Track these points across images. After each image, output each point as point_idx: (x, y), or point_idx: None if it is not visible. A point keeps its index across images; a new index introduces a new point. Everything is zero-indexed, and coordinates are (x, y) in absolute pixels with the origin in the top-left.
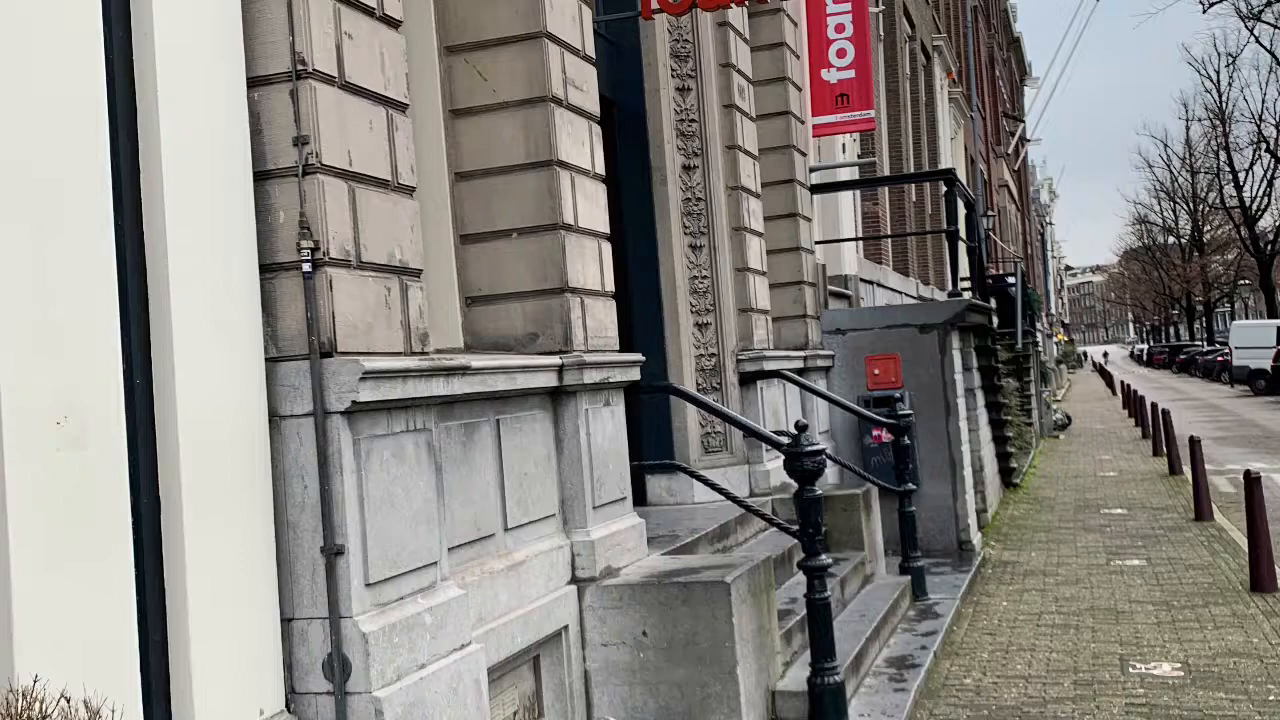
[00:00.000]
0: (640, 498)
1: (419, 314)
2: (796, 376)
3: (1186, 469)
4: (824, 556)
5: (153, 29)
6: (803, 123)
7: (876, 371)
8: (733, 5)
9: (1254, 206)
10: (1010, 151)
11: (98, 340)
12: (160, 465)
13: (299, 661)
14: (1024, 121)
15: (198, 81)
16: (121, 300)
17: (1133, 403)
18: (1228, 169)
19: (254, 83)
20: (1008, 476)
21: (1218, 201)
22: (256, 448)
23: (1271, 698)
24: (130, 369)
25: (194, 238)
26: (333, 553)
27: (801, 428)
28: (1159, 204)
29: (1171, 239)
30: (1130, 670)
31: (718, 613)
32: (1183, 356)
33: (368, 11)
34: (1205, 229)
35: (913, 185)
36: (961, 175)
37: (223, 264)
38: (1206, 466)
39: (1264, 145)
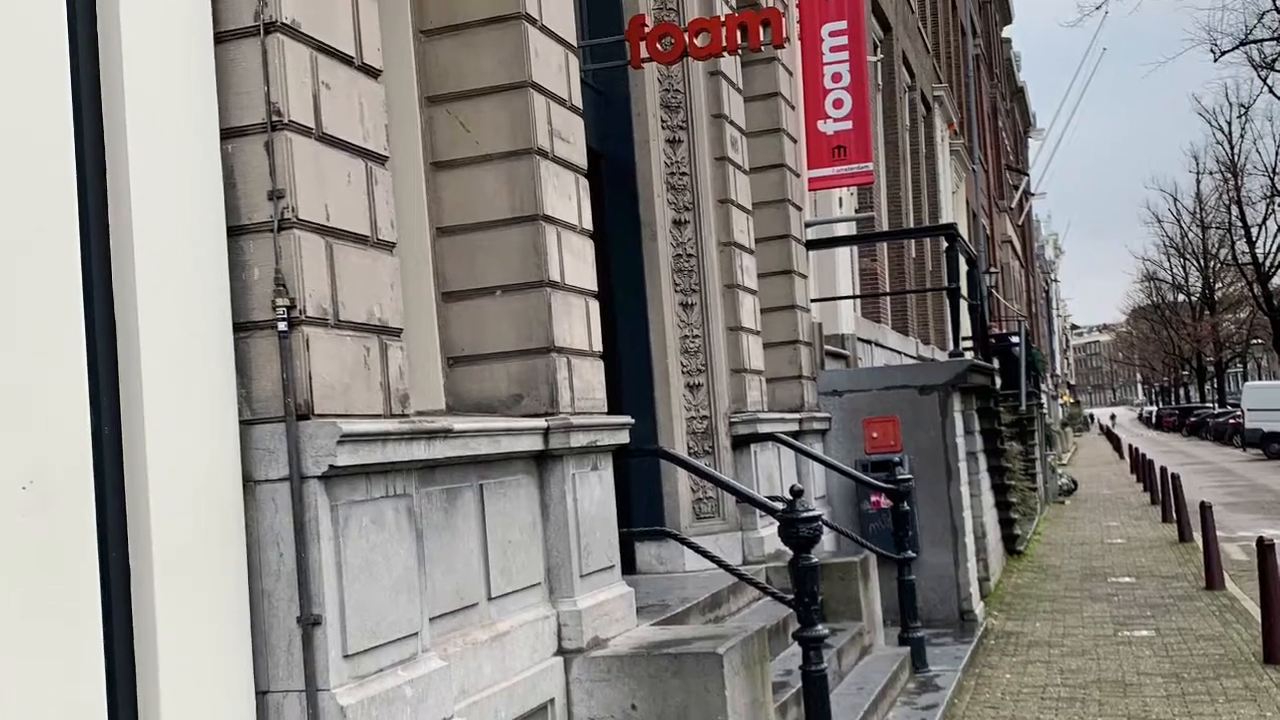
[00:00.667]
0: (629, 565)
1: (399, 374)
2: (792, 440)
3: (1197, 536)
4: (820, 627)
5: (123, 79)
6: (798, 176)
7: (875, 434)
8: (725, 54)
9: (1267, 263)
10: (1014, 206)
11: (65, 402)
12: (130, 532)
13: None
14: (1028, 174)
15: (169, 134)
16: (90, 360)
17: (1141, 467)
18: (1240, 224)
19: (228, 134)
20: (1011, 543)
21: (1229, 258)
22: (230, 513)
23: None
24: (99, 432)
25: (165, 296)
26: (309, 623)
27: (797, 493)
28: (1168, 260)
29: (1181, 297)
30: None
31: (710, 685)
32: (1193, 419)
33: (346, 61)
34: (1216, 286)
35: (912, 241)
36: (963, 230)
37: (195, 323)
38: (1218, 533)
39: (1277, 199)
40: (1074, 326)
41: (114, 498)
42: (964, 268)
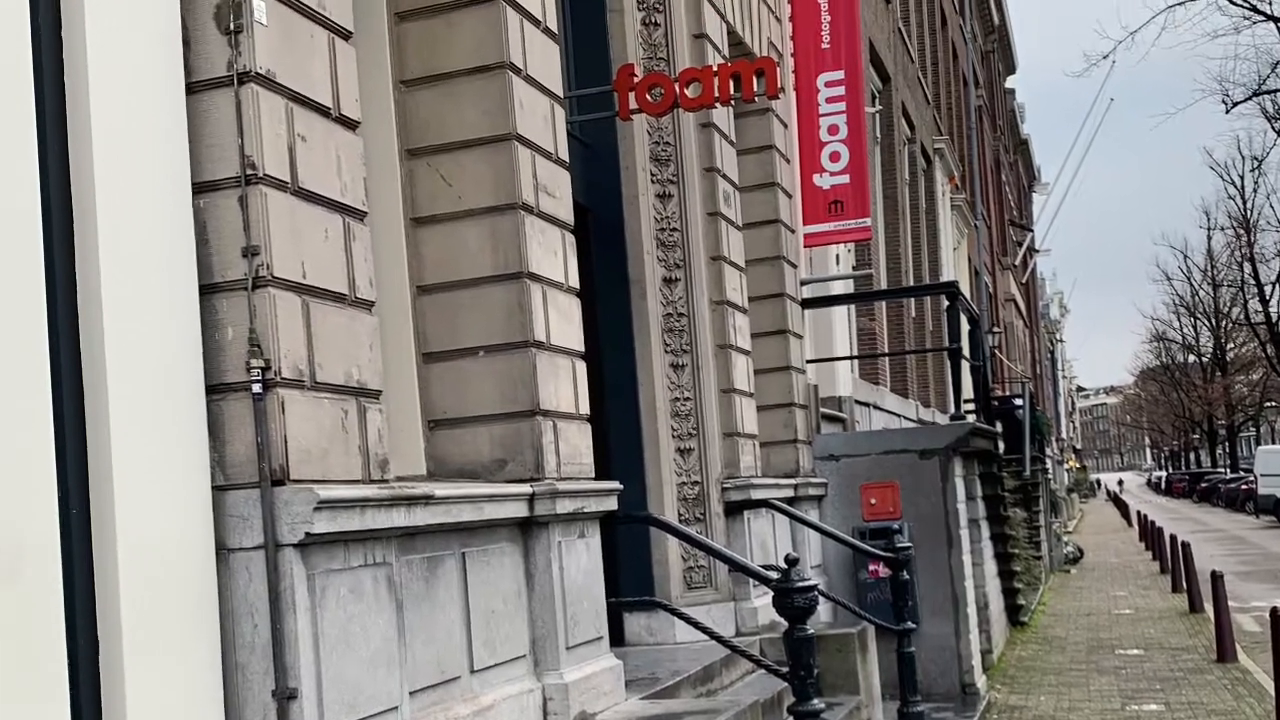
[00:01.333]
0: (618, 637)
1: (378, 438)
2: (786, 506)
3: (1208, 606)
4: (816, 701)
5: (90, 133)
6: (793, 232)
7: (873, 501)
8: (717, 105)
9: None
10: (1017, 263)
11: (32, 469)
12: (99, 602)
13: None
14: (1032, 230)
15: (139, 189)
16: (57, 426)
17: (1150, 535)
18: (1252, 281)
19: (200, 188)
20: (1015, 614)
21: (1242, 317)
22: (203, 583)
23: None
24: (66, 499)
25: (134, 358)
26: (285, 697)
27: (792, 562)
28: (1178, 320)
29: (1192, 357)
30: None
31: None
32: (1204, 484)
33: (323, 112)
34: (1228, 347)
35: (912, 300)
36: (965, 288)
37: (166, 386)
38: (1230, 604)
39: None
40: (1080, 388)
41: (82, 568)
42: (966, 327)
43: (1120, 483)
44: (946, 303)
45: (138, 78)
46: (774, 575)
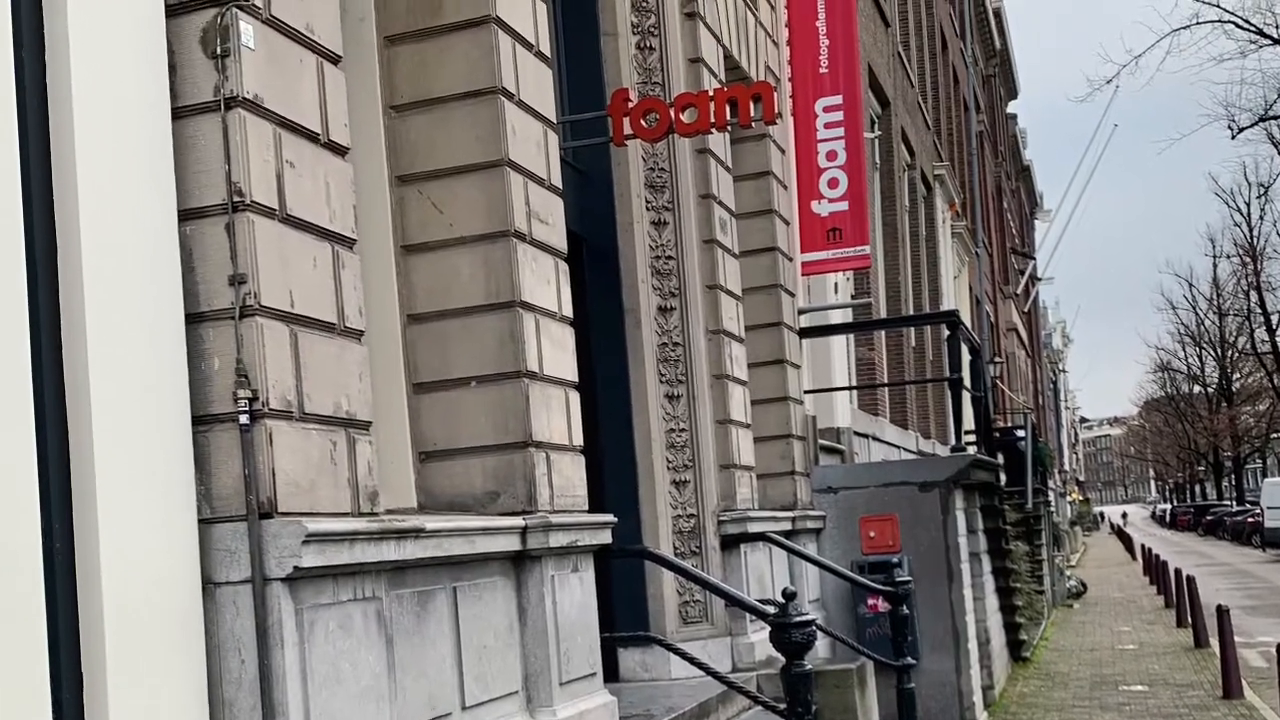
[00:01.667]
0: (612, 673)
1: (368, 470)
2: (784, 539)
3: (1214, 641)
4: None
5: (75, 160)
6: (791, 260)
7: (872, 534)
8: (713, 131)
9: None
10: (1019, 292)
11: (15, 502)
12: (83, 636)
13: None
14: (1034, 258)
15: (124, 216)
16: (40, 458)
17: (1154, 568)
18: (1259, 310)
19: (186, 216)
20: (1017, 649)
21: (1248, 346)
22: (189, 617)
23: None
24: (50, 533)
25: (120, 388)
26: None
27: (789, 596)
28: (1183, 349)
29: (1197, 388)
30: None
31: None
32: (1209, 517)
33: (311, 138)
34: (1234, 377)
35: (912, 329)
36: (966, 318)
37: (151, 417)
38: (1236, 639)
39: None
40: (1083, 419)
41: (65, 602)
42: (966, 357)
43: (1124, 516)
44: (947, 332)
45: (123, 103)
46: (771, 610)
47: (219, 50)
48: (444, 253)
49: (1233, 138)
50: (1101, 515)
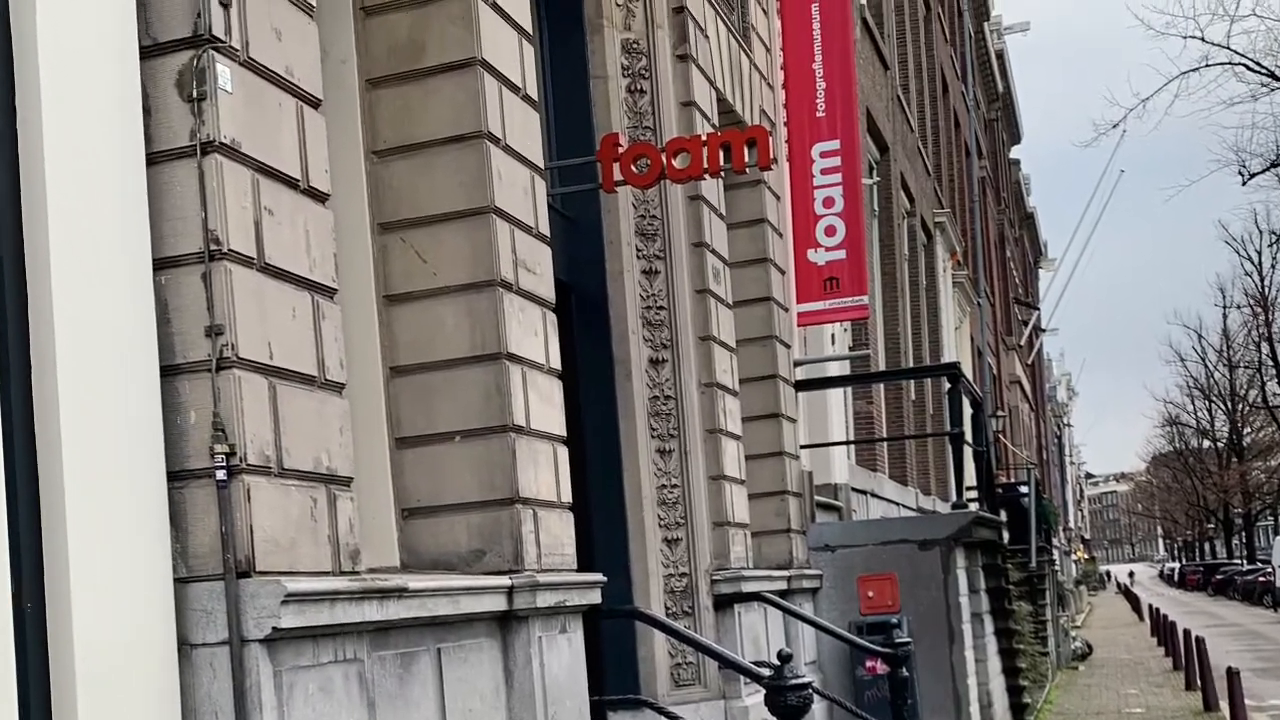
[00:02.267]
0: None
1: (349, 528)
2: (779, 599)
3: (1224, 705)
4: None
5: (46, 209)
6: (786, 310)
7: (870, 594)
8: (706, 177)
9: None
10: (1023, 343)
11: None
12: (54, 699)
13: None
14: (1038, 309)
15: (97, 265)
16: (10, 516)
17: (1162, 629)
18: (1270, 363)
19: (161, 264)
20: (1020, 713)
21: (1259, 400)
22: (164, 680)
23: None
24: (19, 593)
25: (93, 443)
26: None
27: (785, 658)
28: (1192, 403)
29: (1206, 443)
30: None
31: None
32: (1219, 576)
33: (291, 184)
34: (1245, 431)
35: (912, 382)
36: (967, 370)
37: (125, 473)
38: (1246, 702)
39: None
40: (1089, 475)
41: (37, 664)
42: (968, 411)
43: (1131, 574)
44: (948, 385)
45: (95, 148)
46: (766, 672)
47: (195, 93)
48: (428, 303)
49: (1243, 184)
50: (1108, 574)
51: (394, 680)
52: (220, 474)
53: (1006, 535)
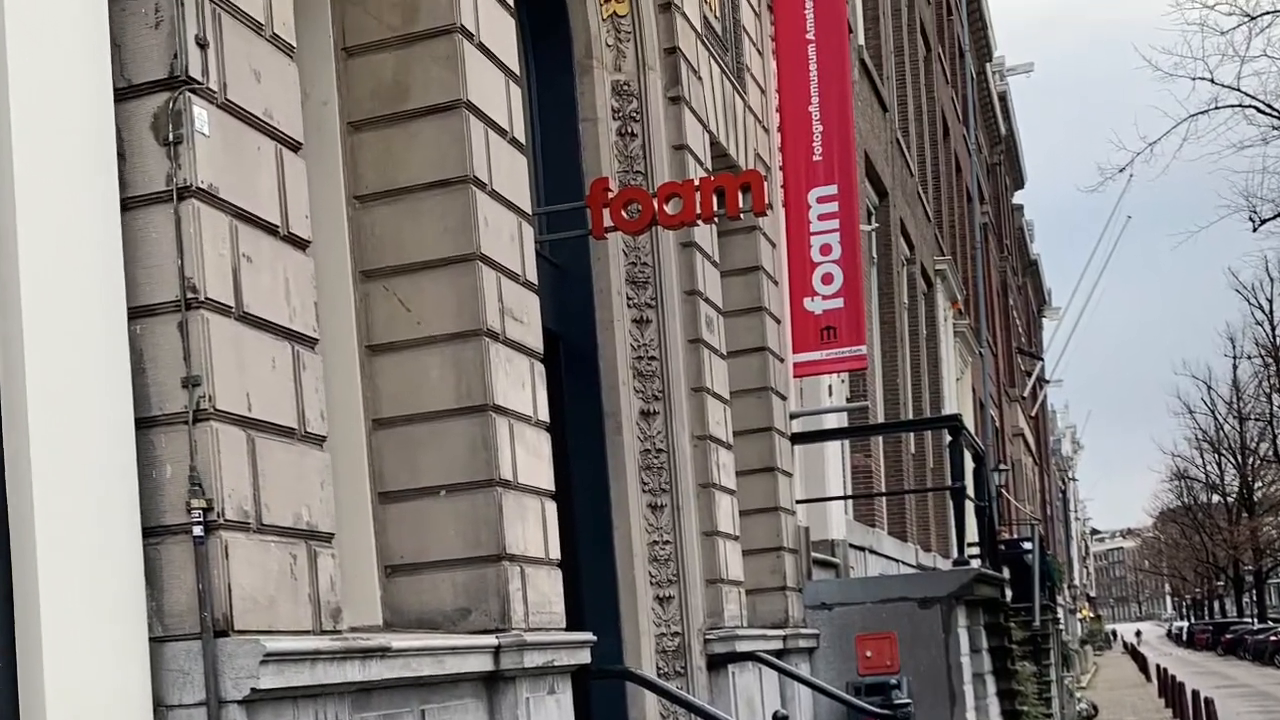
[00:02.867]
0: None
1: (330, 585)
2: (775, 659)
3: None
4: None
5: (16, 252)
6: (782, 360)
7: (869, 653)
8: (699, 223)
9: None
10: (1026, 395)
11: None
12: None
13: None
14: (1042, 359)
15: (69, 315)
16: None
17: (1171, 690)
18: None
19: (136, 313)
20: None
21: (1270, 453)
22: None
23: None
24: None
25: (65, 499)
26: None
27: (780, 719)
28: (1201, 456)
29: (1216, 497)
30: None
31: None
32: (1229, 636)
33: (270, 230)
34: (1256, 486)
35: (911, 435)
36: (969, 422)
37: (99, 529)
38: None
39: None
40: (1094, 531)
41: None
42: (969, 465)
43: (1138, 634)
44: (949, 438)
45: (68, 193)
46: None
47: (171, 137)
48: (411, 353)
49: (1254, 230)
50: (1114, 633)
51: None
52: (197, 530)
53: (1009, 593)
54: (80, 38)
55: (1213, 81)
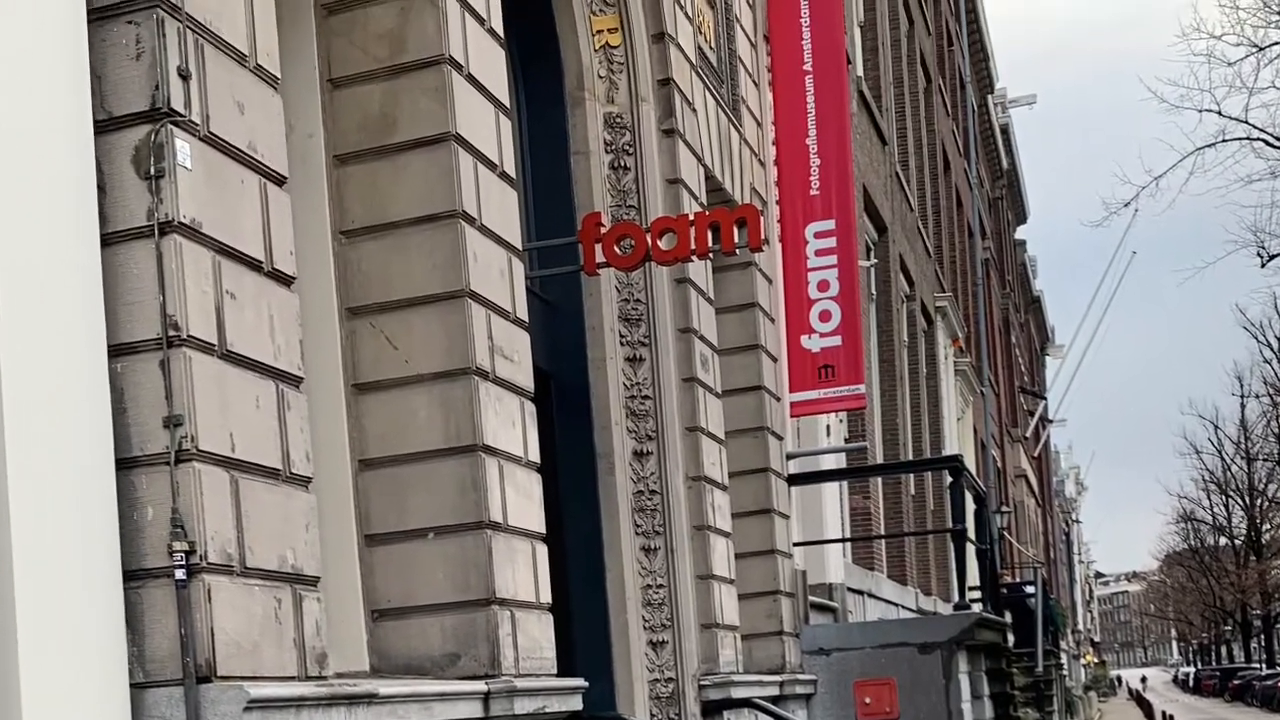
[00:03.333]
0: None
1: (315, 630)
2: (771, 706)
3: None
4: None
5: None
6: (778, 400)
7: (868, 700)
8: (694, 258)
9: None
10: (1029, 435)
11: None
12: None
13: None
14: (1045, 398)
15: (48, 353)
16: None
17: None
18: None
19: (117, 351)
20: None
21: (1279, 495)
22: None
23: None
24: None
25: (44, 541)
26: None
27: None
28: (1208, 498)
29: (1223, 540)
30: None
31: None
32: (1237, 681)
33: (254, 266)
34: (1264, 528)
35: (911, 476)
36: (970, 463)
37: (78, 572)
38: None
39: None
40: (1099, 575)
41: None
42: (971, 506)
43: (1143, 680)
44: (949, 479)
45: (46, 228)
46: None
47: (153, 170)
48: (399, 392)
49: (1262, 265)
50: (1119, 679)
51: None
52: (179, 573)
53: (1011, 638)
54: (59, 68)
55: (1220, 114)
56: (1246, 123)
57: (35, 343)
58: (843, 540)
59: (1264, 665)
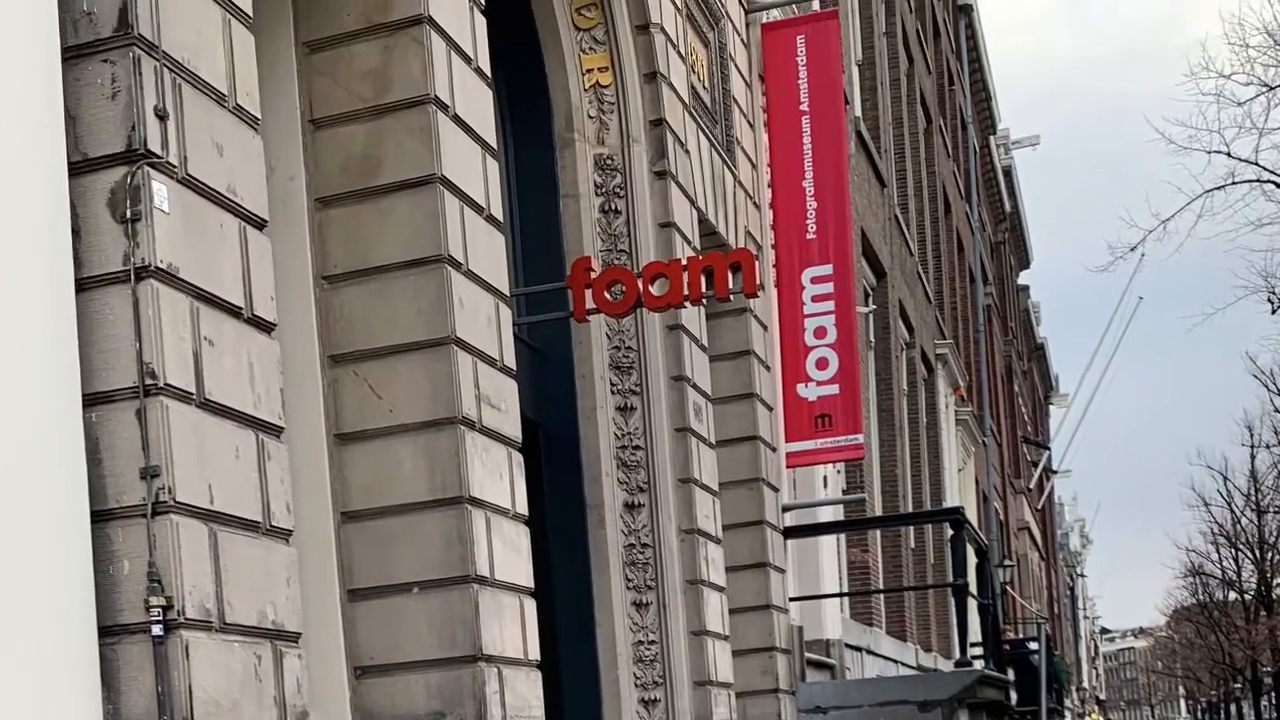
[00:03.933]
0: None
1: (296, 687)
2: None
3: None
4: None
5: None
6: (774, 450)
7: None
8: (687, 304)
9: None
10: (1032, 486)
11: None
12: None
13: None
14: (1049, 449)
15: (19, 402)
16: None
17: None
18: None
19: (92, 400)
20: None
21: None
22: None
23: None
24: None
25: (14, 597)
26: None
27: None
28: (1217, 551)
29: (1233, 594)
30: None
31: None
32: None
33: (234, 313)
34: (1275, 582)
35: (911, 529)
36: (972, 515)
37: (52, 630)
38: None
39: None
40: (1104, 630)
41: None
42: (972, 560)
43: None
44: (950, 532)
45: (18, 273)
46: None
47: (129, 214)
48: (383, 442)
49: (1273, 312)
50: None
51: None
52: (156, 629)
53: (1015, 696)
54: (33, 108)
55: (1229, 155)
56: (1256, 164)
57: (7, 391)
58: (840, 595)
59: None
